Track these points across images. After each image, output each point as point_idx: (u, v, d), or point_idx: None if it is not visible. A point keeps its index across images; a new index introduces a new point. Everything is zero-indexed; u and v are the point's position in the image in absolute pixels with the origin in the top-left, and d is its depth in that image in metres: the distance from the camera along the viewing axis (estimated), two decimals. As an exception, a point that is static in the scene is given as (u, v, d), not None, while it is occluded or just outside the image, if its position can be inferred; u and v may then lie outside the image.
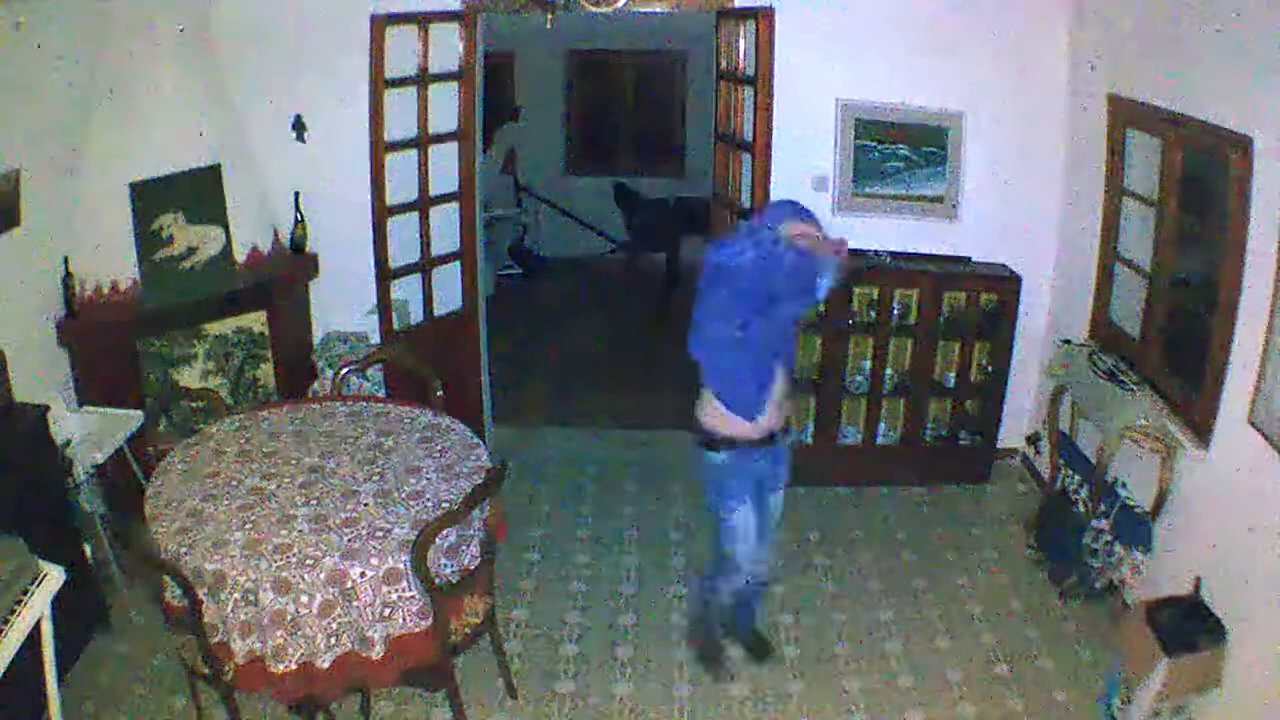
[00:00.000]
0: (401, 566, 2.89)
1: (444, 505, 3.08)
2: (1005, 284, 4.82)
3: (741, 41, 4.40)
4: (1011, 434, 5.16)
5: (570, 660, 3.81)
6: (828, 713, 3.56)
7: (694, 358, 3.17)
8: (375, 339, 4.87)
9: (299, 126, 4.83)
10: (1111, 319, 4.39)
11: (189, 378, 4.61)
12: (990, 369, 4.98)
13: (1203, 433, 3.47)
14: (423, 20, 4.45)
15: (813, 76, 4.66)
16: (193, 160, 4.45)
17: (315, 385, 4.82)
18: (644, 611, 4.11)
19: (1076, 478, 4.22)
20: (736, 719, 3.54)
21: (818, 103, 4.79)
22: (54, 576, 2.95)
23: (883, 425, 5.06)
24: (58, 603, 2.97)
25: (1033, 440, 5.09)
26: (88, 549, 3.72)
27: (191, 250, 4.49)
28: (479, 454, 3.44)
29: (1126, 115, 4.12)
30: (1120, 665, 3.39)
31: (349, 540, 2.92)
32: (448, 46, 4.57)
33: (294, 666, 2.83)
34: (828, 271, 3.04)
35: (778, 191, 4.32)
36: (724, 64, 4.60)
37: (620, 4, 4.05)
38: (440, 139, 4.68)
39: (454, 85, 4.66)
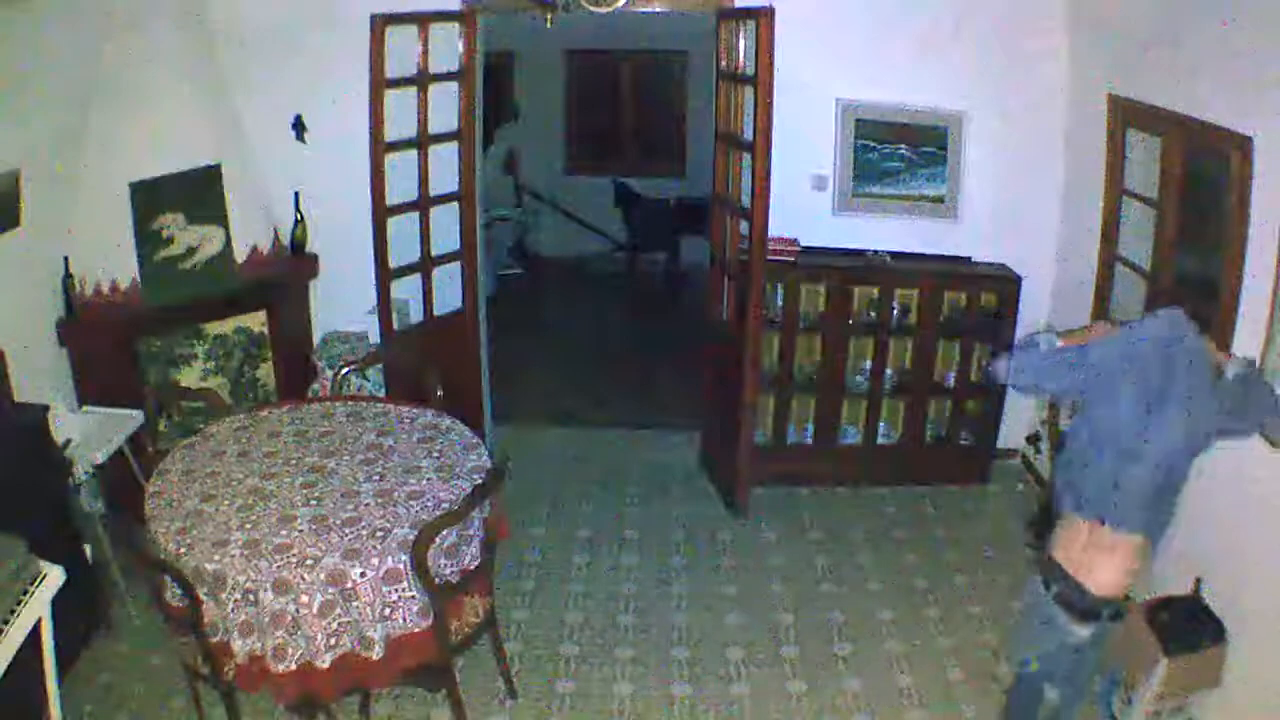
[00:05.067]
0: (401, 566, 2.89)
1: (444, 505, 3.08)
2: (1005, 284, 4.82)
3: (741, 41, 4.39)
4: (1011, 434, 5.16)
5: (570, 660, 3.81)
6: (828, 713, 3.56)
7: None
8: (375, 339, 4.87)
9: (299, 126, 4.84)
10: (1112, 319, 4.38)
11: (189, 378, 4.61)
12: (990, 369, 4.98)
13: (1203, 433, 3.46)
14: (423, 20, 4.44)
15: (813, 76, 4.65)
16: (193, 160, 4.45)
17: (315, 385, 4.82)
18: (644, 611, 4.11)
19: (1076, 478, 4.21)
20: (736, 719, 3.54)
21: (818, 103, 4.79)
22: (54, 576, 2.94)
23: (883, 425, 5.06)
24: (58, 603, 2.97)
25: (1033, 440, 5.08)
26: (88, 549, 3.72)
27: (191, 250, 4.49)
28: (479, 454, 3.44)
29: (1126, 115, 4.12)
30: (1120, 665, 3.38)
31: (349, 540, 2.92)
32: (448, 46, 4.57)
33: (294, 666, 2.83)
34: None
35: (778, 191, 4.31)
36: (724, 64, 4.60)
37: (620, 4, 4.05)
38: (440, 139, 4.68)
39: (454, 85, 4.66)
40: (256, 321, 4.81)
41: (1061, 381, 2.75)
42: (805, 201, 4.89)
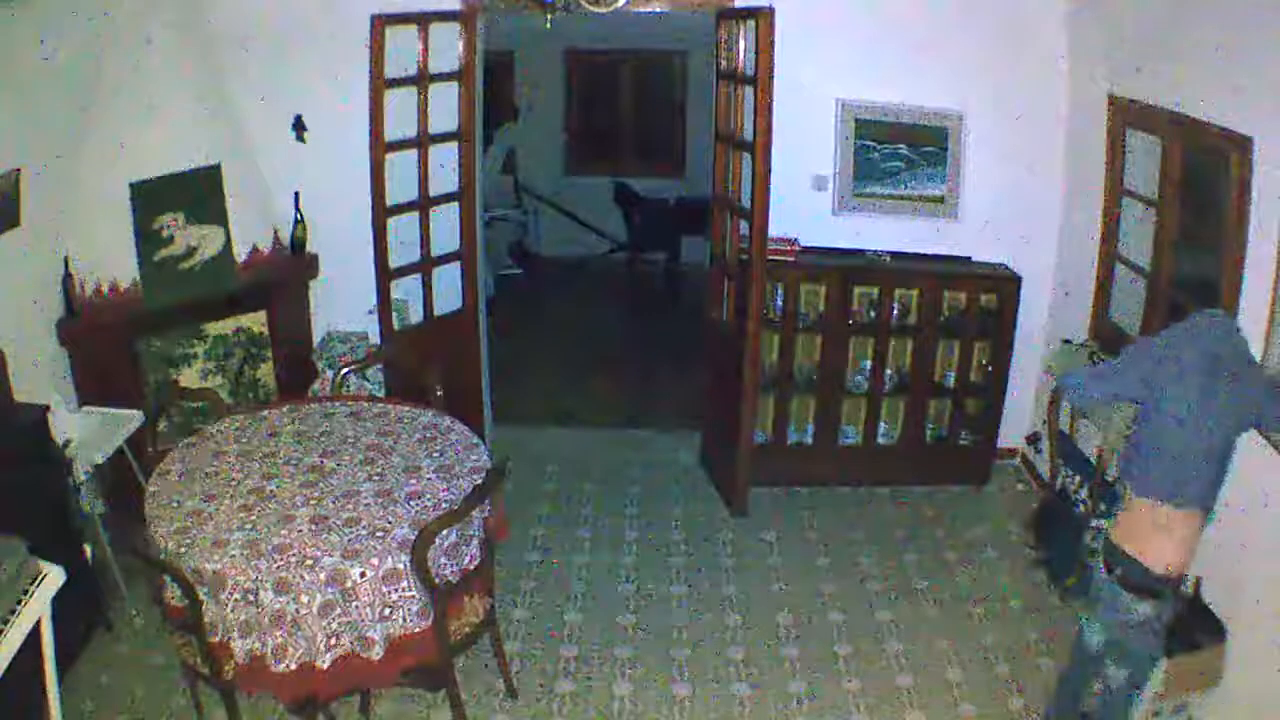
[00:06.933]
0: (401, 566, 2.89)
1: (444, 505, 3.08)
2: (1005, 284, 4.82)
3: (741, 41, 4.39)
4: (1011, 434, 5.16)
5: (570, 660, 3.81)
6: (828, 713, 3.56)
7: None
8: (375, 339, 4.87)
9: (299, 126, 4.84)
10: (1111, 319, 4.39)
11: (189, 378, 4.61)
12: (990, 369, 4.98)
13: (1203, 433, 3.46)
14: (423, 20, 4.44)
15: (813, 76, 4.65)
16: (193, 160, 4.45)
17: (315, 385, 4.82)
18: (644, 611, 4.11)
19: (1076, 478, 4.22)
20: (736, 719, 3.54)
21: (818, 103, 4.79)
22: (54, 576, 2.94)
23: (883, 425, 5.06)
24: (58, 603, 2.97)
25: (1033, 440, 5.09)
26: (88, 549, 3.72)
27: (191, 250, 4.49)
28: (479, 454, 3.44)
29: (1126, 115, 4.12)
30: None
31: (349, 540, 2.92)
32: (448, 46, 4.57)
33: (294, 666, 2.83)
34: None
35: (778, 191, 4.31)
36: (724, 64, 4.60)
37: (620, 4, 4.05)
38: (440, 139, 4.68)
39: (454, 85, 4.66)
40: (256, 321, 4.81)
41: (1125, 384, 3.01)
42: (805, 201, 4.89)
